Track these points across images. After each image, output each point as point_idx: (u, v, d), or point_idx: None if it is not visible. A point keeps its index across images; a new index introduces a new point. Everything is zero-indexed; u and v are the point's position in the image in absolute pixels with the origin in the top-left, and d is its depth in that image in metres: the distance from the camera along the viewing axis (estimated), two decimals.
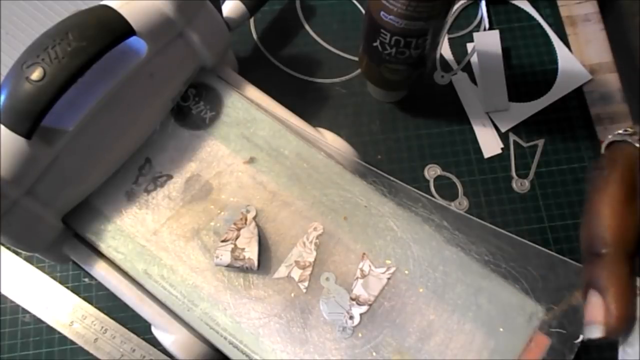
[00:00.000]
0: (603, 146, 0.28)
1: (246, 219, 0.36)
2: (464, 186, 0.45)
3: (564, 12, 0.51)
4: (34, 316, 0.41)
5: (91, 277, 0.41)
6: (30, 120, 0.30)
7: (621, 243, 0.25)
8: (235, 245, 0.35)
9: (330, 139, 0.39)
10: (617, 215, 0.25)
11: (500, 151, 0.46)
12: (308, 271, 0.35)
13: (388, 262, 0.35)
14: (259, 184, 0.37)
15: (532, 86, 0.48)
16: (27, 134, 0.30)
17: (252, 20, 0.49)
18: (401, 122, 0.47)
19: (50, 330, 0.41)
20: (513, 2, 0.51)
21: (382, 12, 0.36)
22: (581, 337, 0.31)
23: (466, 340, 0.33)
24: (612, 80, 0.48)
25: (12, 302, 0.41)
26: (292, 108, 0.39)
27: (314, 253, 0.35)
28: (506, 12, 0.51)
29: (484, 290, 0.34)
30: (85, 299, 0.42)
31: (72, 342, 0.41)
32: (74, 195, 0.35)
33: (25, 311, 0.41)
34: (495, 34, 0.49)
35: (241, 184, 0.37)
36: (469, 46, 0.49)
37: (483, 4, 0.50)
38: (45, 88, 0.30)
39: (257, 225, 0.36)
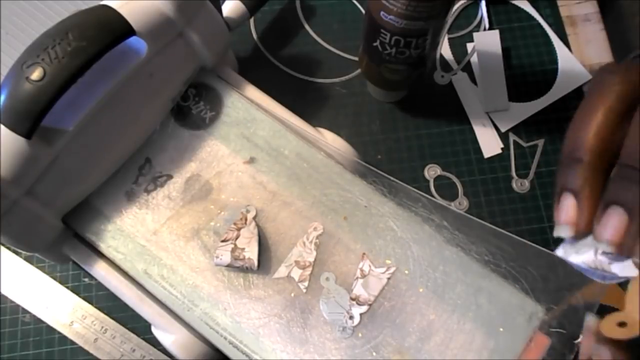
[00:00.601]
0: (629, 57, 0.27)
1: (246, 219, 0.36)
2: (464, 186, 0.45)
3: (564, 12, 0.51)
4: (34, 316, 0.41)
5: (91, 277, 0.41)
6: (30, 120, 0.30)
7: (603, 154, 0.24)
8: (235, 245, 0.35)
9: (330, 139, 0.39)
10: (608, 126, 0.24)
11: (500, 151, 0.46)
12: (308, 271, 0.35)
13: (388, 262, 0.35)
14: (259, 184, 0.37)
15: (532, 86, 0.48)
16: (27, 134, 0.30)
17: (252, 20, 0.49)
18: (401, 122, 0.47)
19: (50, 330, 0.41)
20: (513, 2, 0.51)
21: (382, 12, 0.36)
22: (581, 337, 0.31)
23: (466, 340, 0.33)
24: None
25: (12, 302, 0.41)
26: (292, 108, 0.39)
27: (314, 253, 0.35)
28: (506, 12, 0.51)
29: (484, 290, 0.34)
30: (85, 299, 0.42)
31: (72, 342, 0.41)
32: (74, 195, 0.35)
33: (25, 311, 0.41)
34: (495, 34, 0.49)
35: (241, 184, 0.37)
36: (469, 46, 0.49)
37: (483, 4, 0.50)
38: (45, 88, 0.30)
39: (257, 225, 0.36)
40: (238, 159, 0.38)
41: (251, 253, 0.35)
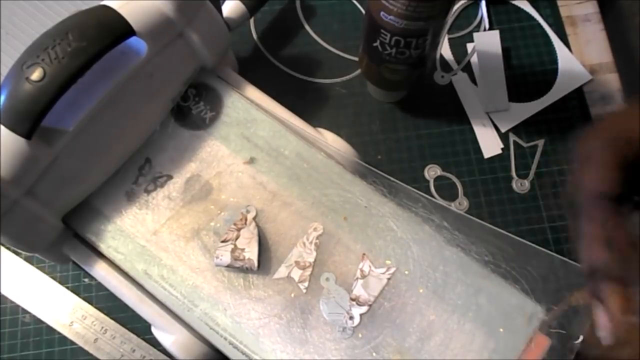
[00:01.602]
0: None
1: (246, 219, 0.36)
2: (464, 186, 0.45)
3: (564, 12, 0.51)
4: (34, 316, 0.41)
5: (91, 277, 0.41)
6: (30, 120, 0.30)
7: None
8: (235, 245, 0.35)
9: (330, 139, 0.39)
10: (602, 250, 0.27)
11: (500, 151, 0.46)
12: (308, 271, 0.35)
13: (388, 262, 0.35)
14: (259, 184, 0.37)
15: (532, 86, 0.48)
16: (27, 134, 0.30)
17: (252, 20, 0.49)
18: (401, 122, 0.47)
19: (50, 330, 0.41)
20: (513, 2, 0.51)
21: (382, 12, 0.36)
22: (581, 337, 0.31)
23: (466, 341, 0.33)
24: (612, 80, 0.48)
25: (12, 302, 0.41)
26: (292, 108, 0.39)
27: (314, 253, 0.35)
28: (506, 12, 0.50)
29: (484, 290, 0.34)
30: (85, 299, 0.42)
31: (72, 342, 0.41)
32: (74, 195, 0.35)
33: (25, 311, 0.41)
34: (495, 34, 0.49)
35: (241, 184, 0.37)
36: (469, 46, 0.49)
37: (483, 4, 0.50)
38: (45, 88, 0.30)
39: (257, 226, 0.36)
40: (238, 159, 0.37)
41: (251, 253, 0.35)
